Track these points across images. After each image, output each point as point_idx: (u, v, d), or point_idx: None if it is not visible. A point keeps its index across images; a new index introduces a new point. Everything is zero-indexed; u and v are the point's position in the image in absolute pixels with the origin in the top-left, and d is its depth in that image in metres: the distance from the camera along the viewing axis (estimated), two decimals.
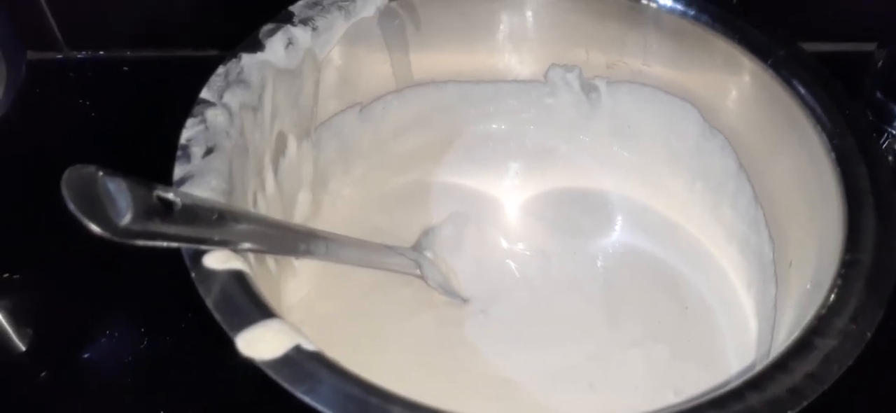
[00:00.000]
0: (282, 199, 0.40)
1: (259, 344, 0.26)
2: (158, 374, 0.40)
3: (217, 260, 0.29)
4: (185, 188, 0.31)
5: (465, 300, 0.43)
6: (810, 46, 0.39)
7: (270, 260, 0.38)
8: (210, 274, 0.28)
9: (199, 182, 0.32)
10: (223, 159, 0.33)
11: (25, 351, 0.41)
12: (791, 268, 0.36)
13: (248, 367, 0.35)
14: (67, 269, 0.44)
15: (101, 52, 0.56)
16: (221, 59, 0.37)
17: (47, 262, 0.45)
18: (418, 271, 0.42)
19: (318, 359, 0.26)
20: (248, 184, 0.36)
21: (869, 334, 0.27)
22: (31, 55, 0.52)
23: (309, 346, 0.26)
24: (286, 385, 0.25)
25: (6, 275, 0.44)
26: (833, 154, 0.34)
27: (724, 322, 0.40)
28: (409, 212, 0.46)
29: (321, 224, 0.44)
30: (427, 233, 0.45)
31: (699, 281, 0.42)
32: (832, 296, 0.28)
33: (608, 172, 0.47)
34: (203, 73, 0.36)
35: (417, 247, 0.44)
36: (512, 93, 0.47)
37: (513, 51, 0.46)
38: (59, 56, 0.55)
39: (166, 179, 0.32)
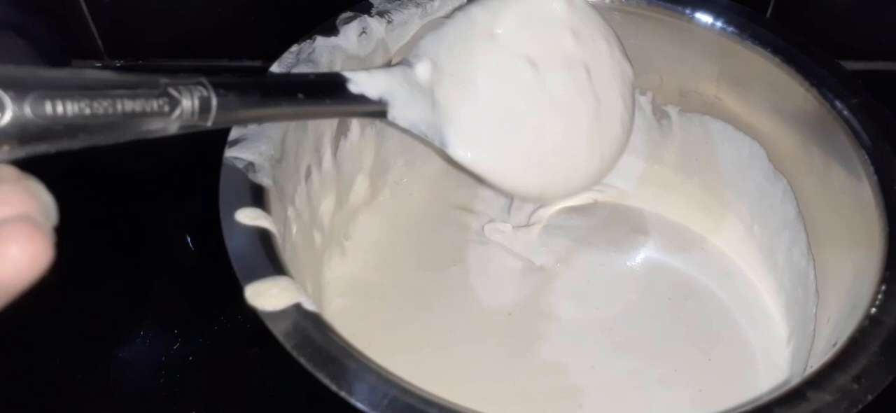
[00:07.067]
0: (339, 177, 0.42)
1: (263, 296, 0.28)
2: (190, 375, 0.41)
3: (248, 216, 0.31)
4: (237, 150, 0.34)
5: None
6: (846, 65, 0.38)
7: (317, 233, 0.40)
8: (238, 227, 0.31)
9: (249, 145, 0.34)
10: (278, 129, 0.36)
11: (61, 352, 0.43)
12: (828, 324, 0.34)
13: (282, 370, 0.36)
14: (104, 270, 0.46)
15: (140, 62, 0.58)
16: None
17: (83, 263, 0.46)
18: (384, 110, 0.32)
19: (314, 319, 0.28)
20: (303, 157, 0.38)
21: (870, 397, 0.25)
22: (74, 63, 0.53)
23: (309, 306, 0.28)
24: (279, 337, 0.27)
25: (43, 277, 0.46)
26: (885, 215, 0.32)
27: (763, 370, 0.39)
28: (467, 212, 0.47)
29: (378, 211, 0.46)
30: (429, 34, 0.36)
31: (745, 324, 0.41)
32: (841, 351, 0.27)
33: (668, 202, 0.46)
34: None
35: (410, 58, 0.34)
36: None
37: None
38: (100, 64, 0.58)
39: (204, 185, 0.33)
